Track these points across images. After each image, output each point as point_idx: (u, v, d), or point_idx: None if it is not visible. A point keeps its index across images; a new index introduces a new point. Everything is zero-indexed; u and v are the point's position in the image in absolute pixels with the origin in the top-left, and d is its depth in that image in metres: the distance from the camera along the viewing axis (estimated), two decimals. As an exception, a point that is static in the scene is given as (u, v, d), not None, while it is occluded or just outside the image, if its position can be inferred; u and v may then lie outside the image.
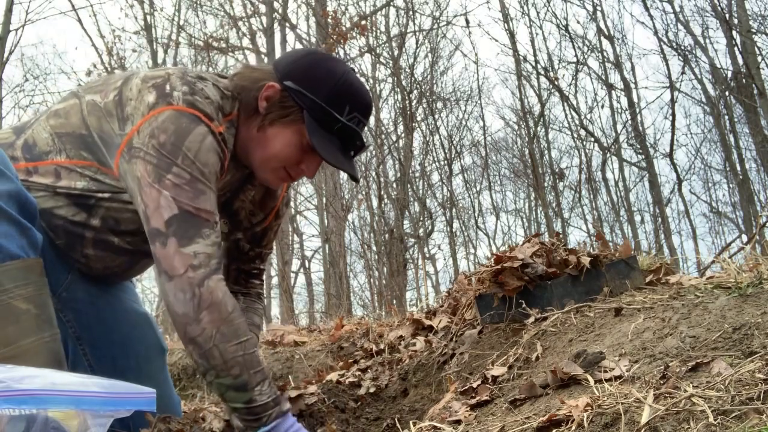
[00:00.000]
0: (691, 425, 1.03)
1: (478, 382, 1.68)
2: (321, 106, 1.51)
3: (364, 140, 1.60)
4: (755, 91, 10.47)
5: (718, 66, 12.26)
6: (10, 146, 1.54)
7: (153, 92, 1.45)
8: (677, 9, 12.42)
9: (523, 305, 1.95)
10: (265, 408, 1.40)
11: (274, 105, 1.54)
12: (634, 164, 13.92)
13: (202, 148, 1.44)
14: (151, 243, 1.41)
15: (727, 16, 10.88)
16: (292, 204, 12.80)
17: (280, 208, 1.83)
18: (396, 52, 12.39)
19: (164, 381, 1.80)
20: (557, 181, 13.92)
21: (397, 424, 1.73)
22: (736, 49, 11.12)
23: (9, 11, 7.12)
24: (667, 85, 12.53)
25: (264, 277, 1.93)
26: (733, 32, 10.85)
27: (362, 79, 1.77)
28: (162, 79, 1.47)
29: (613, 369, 1.35)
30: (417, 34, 12.74)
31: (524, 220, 16.92)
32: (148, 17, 11.96)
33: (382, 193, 11.92)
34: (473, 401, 1.56)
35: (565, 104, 13.26)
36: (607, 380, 1.32)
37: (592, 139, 13.75)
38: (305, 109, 1.51)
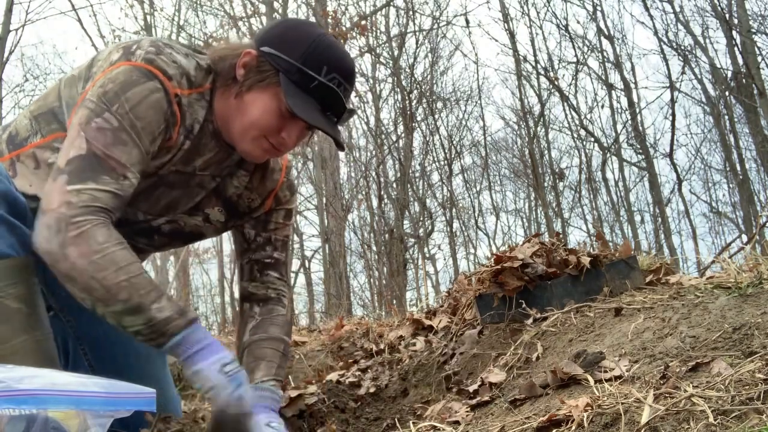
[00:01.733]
0: (691, 425, 1.03)
1: (477, 385, 1.68)
2: (297, 67, 1.47)
3: (348, 105, 1.54)
4: (755, 91, 10.47)
5: (718, 66, 12.25)
6: None
7: (119, 52, 1.45)
8: (677, 9, 12.41)
9: (523, 305, 1.95)
10: (167, 321, 1.33)
11: (251, 71, 1.50)
12: (634, 164, 13.91)
13: (143, 102, 1.39)
14: (52, 175, 1.35)
15: (727, 16, 10.88)
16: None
17: (279, 195, 1.75)
18: (396, 52, 12.38)
19: (165, 381, 1.79)
20: (557, 181, 13.91)
21: (397, 424, 1.73)
22: (736, 49, 11.12)
23: (9, 11, 7.12)
24: (667, 85, 12.53)
25: (287, 274, 1.80)
26: (733, 32, 10.85)
27: (344, 47, 1.71)
28: (133, 42, 1.47)
29: (613, 369, 1.35)
30: (417, 34, 12.73)
31: (524, 220, 16.91)
32: (148, 17, 11.95)
33: (382, 193, 11.91)
34: (473, 401, 1.56)
35: (565, 104, 13.26)
36: (607, 380, 1.32)
37: (592, 139, 13.74)
38: (281, 72, 1.48)
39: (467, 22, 13.58)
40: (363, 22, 11.59)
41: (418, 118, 12.72)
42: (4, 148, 1.52)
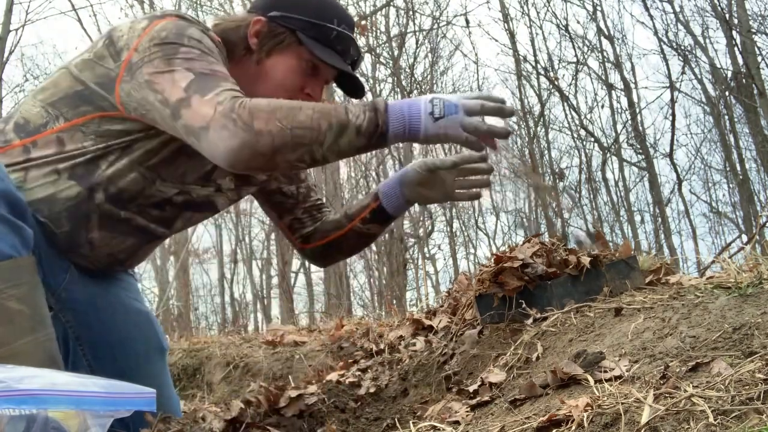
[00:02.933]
0: (691, 425, 1.03)
1: (477, 386, 1.68)
2: (312, 23, 1.53)
3: (360, 51, 1.63)
4: (755, 91, 10.47)
5: (718, 66, 12.26)
6: (0, 133, 1.52)
7: (145, 20, 1.46)
8: (677, 9, 12.42)
9: (523, 305, 1.95)
10: (372, 120, 1.33)
11: (266, 37, 1.54)
12: (634, 164, 13.92)
13: (204, 38, 1.43)
14: (176, 118, 1.35)
15: (727, 16, 10.88)
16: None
17: None
18: (396, 52, 12.39)
19: (164, 381, 1.79)
20: (557, 181, 13.92)
21: (397, 424, 1.73)
22: (736, 49, 11.13)
23: (9, 11, 7.13)
24: (667, 85, 12.55)
25: (329, 207, 1.89)
26: (733, 32, 10.86)
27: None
28: (151, 12, 1.55)
29: (613, 369, 1.35)
30: (417, 34, 12.75)
31: (524, 220, 16.91)
32: (148, 17, 11.95)
33: (382, 193, 11.90)
34: (473, 401, 1.56)
35: (565, 104, 13.27)
36: (607, 380, 1.32)
37: (592, 139, 13.75)
38: (298, 30, 1.53)
39: (467, 22, 13.58)
40: (363, 22, 11.59)
41: (418, 118, 12.71)
42: (13, 136, 1.50)
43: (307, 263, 14.67)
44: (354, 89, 1.63)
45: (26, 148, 1.49)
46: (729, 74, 11.92)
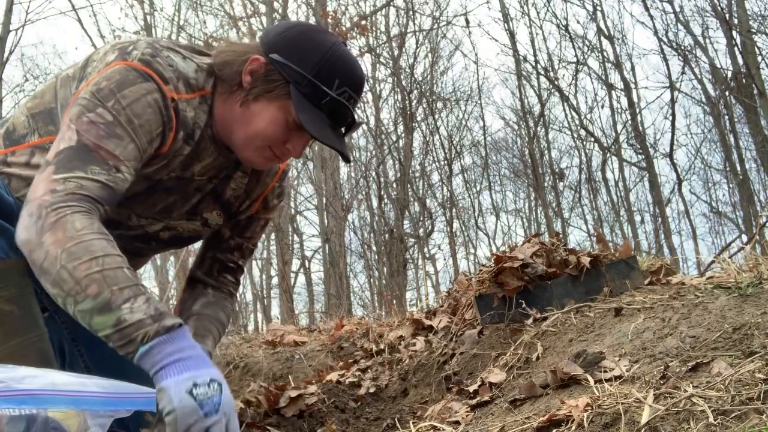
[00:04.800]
0: (691, 425, 1.03)
1: (477, 386, 1.68)
2: (309, 80, 1.41)
3: (356, 117, 1.50)
4: (755, 91, 10.47)
5: (718, 66, 12.25)
6: None
7: (115, 52, 1.41)
8: (677, 9, 12.41)
9: (523, 305, 1.95)
10: (139, 326, 1.16)
11: (259, 79, 1.44)
12: (634, 164, 13.91)
13: (140, 101, 1.34)
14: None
15: (727, 16, 10.88)
16: (292, 204, 12.80)
17: (269, 198, 1.71)
18: (396, 52, 12.39)
19: None
20: (557, 181, 13.92)
21: (397, 424, 1.73)
22: (736, 49, 11.12)
23: (9, 11, 7.12)
24: (667, 85, 12.54)
25: (241, 277, 1.78)
26: (733, 32, 10.85)
27: (353, 53, 1.65)
28: (129, 42, 1.43)
29: (613, 369, 1.35)
30: (417, 34, 12.74)
31: (524, 220, 16.91)
32: (148, 17, 11.95)
33: (382, 193, 11.91)
34: (473, 401, 1.56)
35: (565, 104, 13.26)
36: (607, 380, 1.32)
37: (592, 139, 13.74)
38: (292, 83, 1.42)
39: (467, 22, 13.58)
40: (363, 22, 11.59)
41: (418, 118, 12.73)
42: (1, 143, 1.49)
43: (307, 263, 14.68)
44: (342, 155, 1.51)
45: (5, 157, 1.46)
46: (729, 74, 11.91)
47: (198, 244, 1.78)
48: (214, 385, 1.16)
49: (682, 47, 12.48)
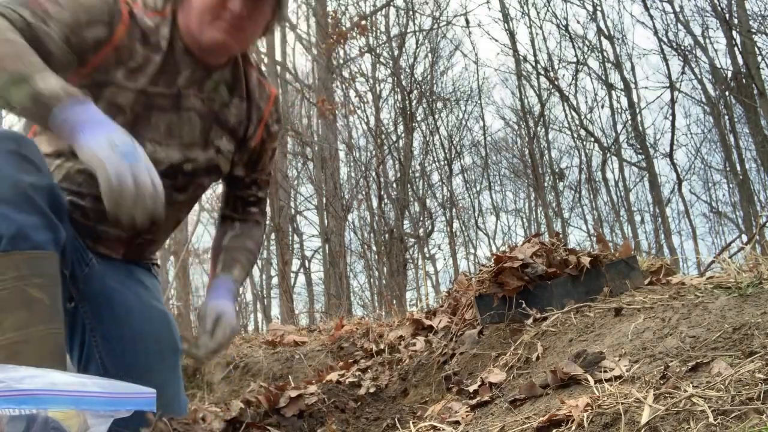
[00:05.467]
0: (691, 425, 1.03)
1: (477, 385, 1.68)
2: None
3: None
4: (755, 91, 10.47)
5: (718, 66, 12.26)
6: None
7: None
8: (677, 9, 12.42)
9: (523, 305, 1.95)
10: (52, 96, 1.27)
11: None
12: (634, 164, 13.92)
13: None
14: None
15: (727, 16, 10.88)
16: (292, 204, 12.80)
17: (269, 124, 1.81)
18: (396, 52, 12.40)
19: (174, 380, 1.79)
20: (557, 181, 13.92)
21: (397, 424, 1.73)
22: (736, 49, 11.13)
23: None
24: (667, 85, 12.54)
25: (265, 207, 1.94)
26: (733, 32, 10.86)
27: None
28: None
29: (613, 369, 1.35)
30: (417, 34, 12.74)
31: (524, 220, 16.92)
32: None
33: (382, 193, 11.92)
34: (473, 401, 1.56)
35: (565, 104, 13.27)
36: (607, 380, 1.32)
37: (592, 139, 13.75)
38: None
39: (467, 22, 13.62)
40: (363, 22, 11.60)
41: (418, 118, 12.74)
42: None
43: (307, 263, 14.68)
44: None
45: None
46: (729, 74, 11.91)
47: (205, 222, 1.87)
48: (127, 138, 1.29)
49: (682, 47, 12.49)
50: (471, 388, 1.69)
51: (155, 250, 1.89)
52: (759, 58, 10.46)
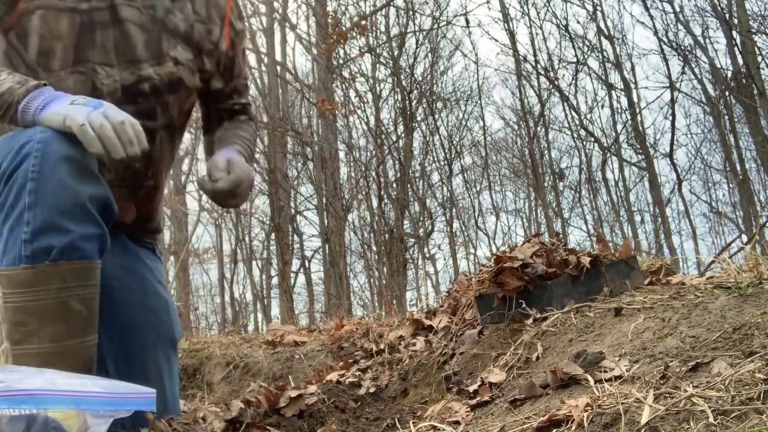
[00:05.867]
0: (691, 425, 1.03)
1: (477, 386, 1.68)
2: None
3: None
4: (755, 91, 10.47)
5: (718, 66, 12.25)
6: None
7: None
8: (677, 9, 12.41)
9: (523, 305, 1.95)
10: (11, 92, 1.32)
11: None
12: (634, 164, 13.91)
13: None
14: None
15: (727, 16, 10.88)
16: (292, 204, 12.79)
17: (233, 22, 1.75)
18: (396, 52, 12.38)
19: (168, 371, 1.75)
20: (557, 181, 13.92)
21: (397, 424, 1.73)
22: (736, 49, 11.12)
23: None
24: (667, 85, 12.53)
25: (251, 110, 1.90)
26: (733, 32, 10.85)
27: None
28: None
29: (613, 369, 1.35)
30: (417, 34, 12.73)
31: (524, 220, 16.91)
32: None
33: (382, 193, 11.91)
34: (473, 401, 1.56)
35: (565, 104, 13.26)
36: (607, 380, 1.32)
37: (592, 139, 13.74)
38: None
39: (467, 22, 13.56)
40: (363, 22, 11.59)
41: (418, 118, 12.72)
42: None
43: (307, 263, 14.67)
44: None
45: None
46: (729, 74, 11.91)
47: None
48: (88, 97, 1.34)
49: (682, 47, 12.49)
50: (471, 388, 1.69)
51: (160, 199, 1.82)
52: (759, 58, 10.46)
